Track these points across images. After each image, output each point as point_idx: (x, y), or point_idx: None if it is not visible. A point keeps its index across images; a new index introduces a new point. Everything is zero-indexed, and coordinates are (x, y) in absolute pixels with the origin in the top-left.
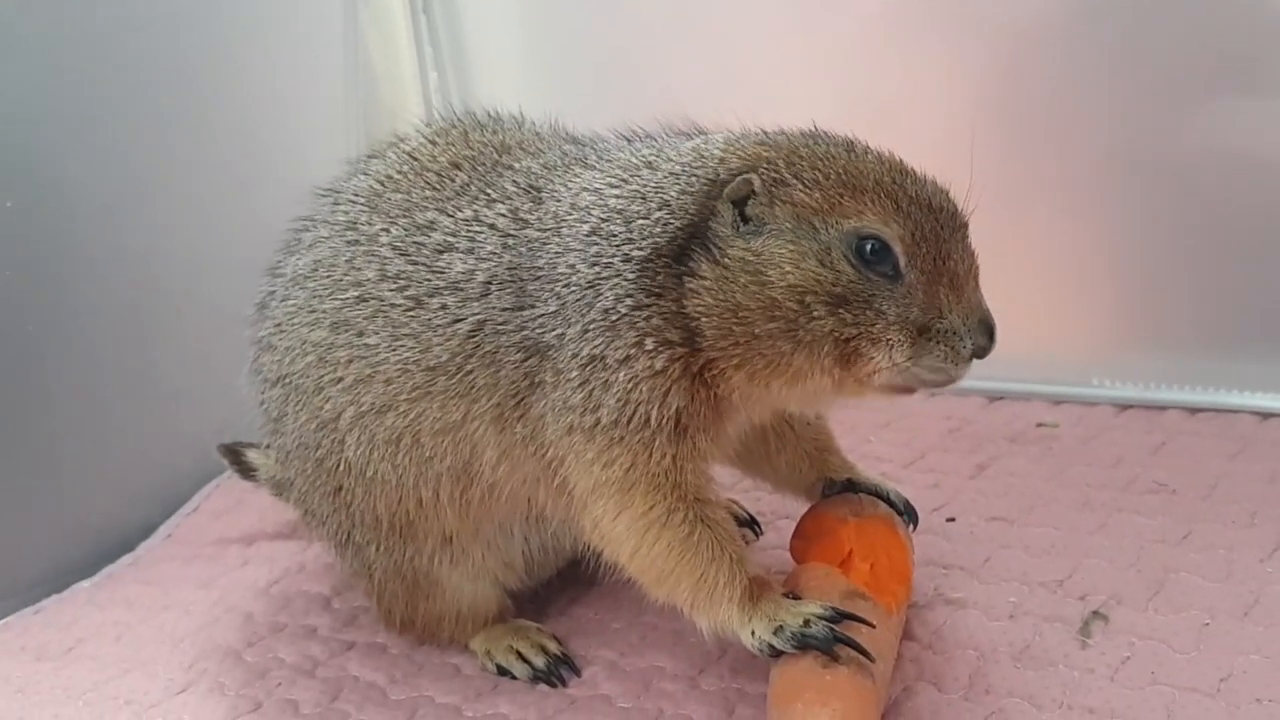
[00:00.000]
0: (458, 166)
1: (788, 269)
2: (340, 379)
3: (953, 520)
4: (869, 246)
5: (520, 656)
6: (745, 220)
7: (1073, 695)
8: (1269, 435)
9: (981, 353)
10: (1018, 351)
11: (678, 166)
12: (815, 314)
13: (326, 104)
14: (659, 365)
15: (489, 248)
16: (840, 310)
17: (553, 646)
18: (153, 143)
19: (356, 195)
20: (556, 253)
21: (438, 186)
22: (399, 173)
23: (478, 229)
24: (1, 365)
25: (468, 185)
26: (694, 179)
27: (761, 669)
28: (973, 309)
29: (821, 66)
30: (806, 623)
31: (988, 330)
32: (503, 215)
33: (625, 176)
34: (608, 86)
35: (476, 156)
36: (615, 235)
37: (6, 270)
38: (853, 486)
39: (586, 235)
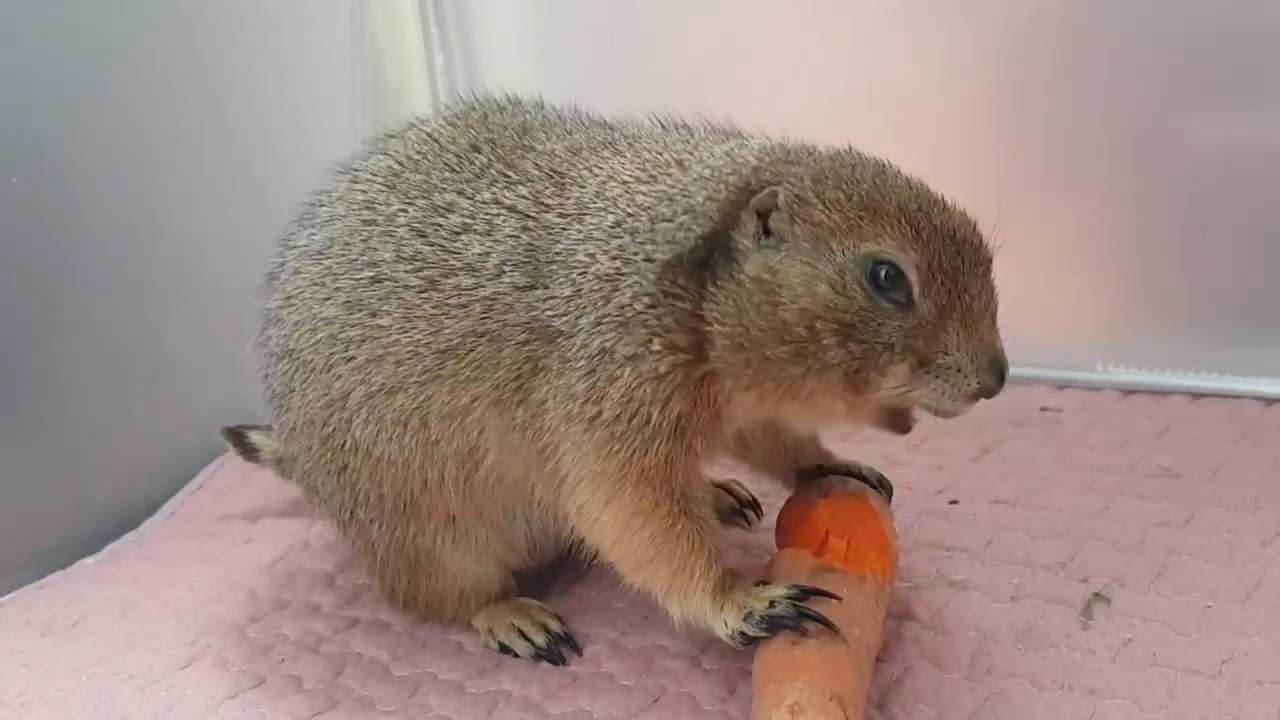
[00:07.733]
0: (477, 149)
1: (800, 291)
2: (351, 358)
3: (956, 503)
4: (883, 272)
5: (522, 634)
6: (768, 233)
7: (1074, 676)
8: (1273, 420)
9: (989, 393)
10: (1022, 336)
11: (708, 170)
12: (824, 342)
13: (333, 85)
14: (662, 369)
15: (507, 230)
16: (849, 342)
17: (554, 625)
18: (158, 122)
19: (375, 175)
20: (576, 240)
21: (457, 168)
22: (418, 154)
23: (496, 211)
24: (7, 341)
25: (487, 167)
26: (722, 186)
27: None
28: (984, 348)
29: (829, 56)
30: (772, 604)
31: (998, 372)
32: (523, 198)
33: (654, 173)
34: (615, 68)
35: (496, 139)
36: (639, 232)
37: (13, 246)
38: (824, 471)
39: (610, 227)
